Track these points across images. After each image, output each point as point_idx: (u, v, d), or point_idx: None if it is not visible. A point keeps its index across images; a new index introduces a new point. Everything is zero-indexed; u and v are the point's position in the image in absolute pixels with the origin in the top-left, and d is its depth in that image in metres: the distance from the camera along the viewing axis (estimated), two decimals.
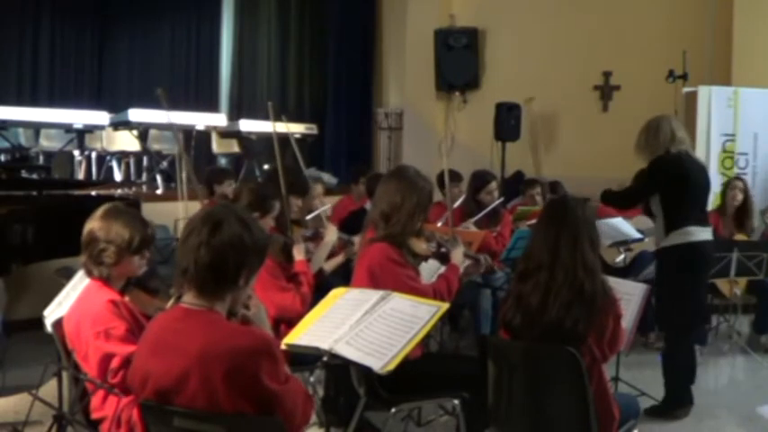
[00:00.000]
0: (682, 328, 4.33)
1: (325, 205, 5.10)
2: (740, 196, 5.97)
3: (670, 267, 4.27)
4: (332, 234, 4.19)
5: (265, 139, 8.85)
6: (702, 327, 4.72)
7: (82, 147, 8.09)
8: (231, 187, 6.07)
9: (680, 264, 4.23)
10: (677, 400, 4.32)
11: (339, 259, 4.40)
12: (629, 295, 3.27)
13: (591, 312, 2.71)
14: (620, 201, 4.69)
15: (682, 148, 4.25)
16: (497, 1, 9.21)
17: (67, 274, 3.39)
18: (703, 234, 4.26)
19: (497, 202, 5.50)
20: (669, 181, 4.24)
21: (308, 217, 4.50)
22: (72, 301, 2.96)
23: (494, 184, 5.55)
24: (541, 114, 8.94)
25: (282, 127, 7.28)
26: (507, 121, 8.55)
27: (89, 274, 2.82)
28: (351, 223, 5.00)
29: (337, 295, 2.95)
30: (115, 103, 9.12)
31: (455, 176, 5.75)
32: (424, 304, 2.82)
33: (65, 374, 3.09)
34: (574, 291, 2.72)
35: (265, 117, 9.17)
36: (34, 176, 6.47)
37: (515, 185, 7.70)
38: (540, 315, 2.75)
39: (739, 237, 5.82)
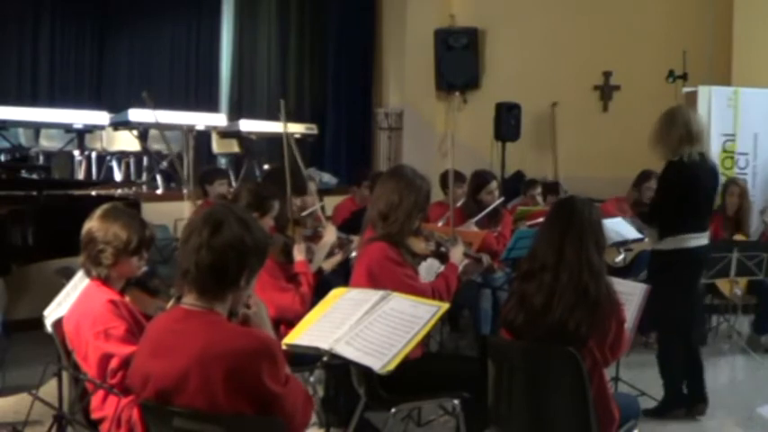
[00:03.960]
0: (673, 329, 4.33)
1: (320, 202, 5.09)
2: (736, 200, 6.01)
3: (662, 270, 4.26)
4: (331, 234, 4.19)
5: (266, 139, 8.85)
6: (701, 328, 4.71)
7: (82, 147, 8.07)
8: (223, 187, 6.05)
9: (672, 268, 4.23)
10: (674, 401, 4.33)
11: (338, 258, 4.40)
12: (630, 295, 3.25)
13: (594, 315, 2.69)
14: (647, 220, 4.57)
15: (695, 150, 4.16)
16: (497, 1, 9.20)
17: (67, 274, 3.39)
18: (698, 240, 4.24)
19: (498, 201, 5.49)
20: (677, 191, 4.20)
21: (303, 214, 4.51)
22: (72, 301, 2.96)
23: (494, 184, 5.53)
24: (541, 114, 8.94)
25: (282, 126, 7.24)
26: (507, 121, 8.55)
27: (88, 274, 2.82)
28: (351, 223, 4.99)
29: (337, 295, 2.94)
30: (115, 103, 9.10)
31: (458, 177, 5.74)
32: (424, 304, 2.82)
33: (65, 374, 3.10)
34: (578, 293, 2.70)
35: (266, 117, 9.24)
36: (34, 176, 6.46)
37: (515, 185, 7.71)
38: (543, 316, 2.74)
39: (739, 237, 5.83)
